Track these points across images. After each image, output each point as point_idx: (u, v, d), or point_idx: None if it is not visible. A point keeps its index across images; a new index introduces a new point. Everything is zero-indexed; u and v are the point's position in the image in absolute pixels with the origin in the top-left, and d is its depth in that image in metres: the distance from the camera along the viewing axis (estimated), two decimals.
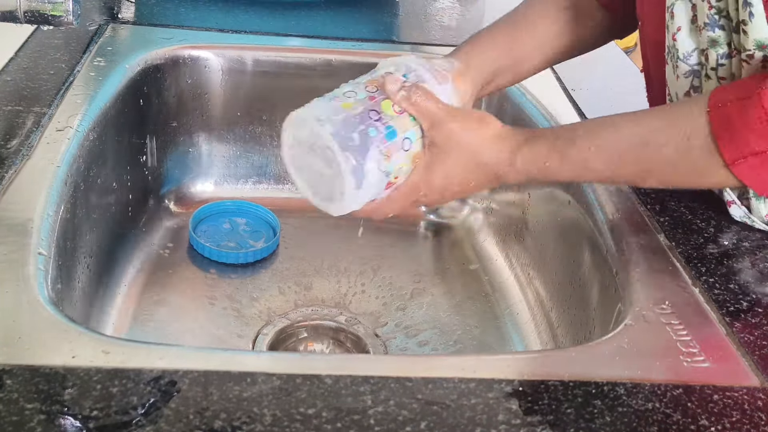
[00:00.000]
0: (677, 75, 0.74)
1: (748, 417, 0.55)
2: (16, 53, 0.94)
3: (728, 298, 0.68)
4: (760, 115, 0.58)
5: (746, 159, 0.59)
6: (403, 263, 1.03)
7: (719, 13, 0.68)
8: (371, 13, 1.23)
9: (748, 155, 0.59)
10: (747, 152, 0.59)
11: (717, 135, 0.60)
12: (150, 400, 0.51)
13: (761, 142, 0.58)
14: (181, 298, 0.94)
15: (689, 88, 0.74)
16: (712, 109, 0.61)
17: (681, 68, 0.73)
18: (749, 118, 0.59)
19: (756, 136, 0.58)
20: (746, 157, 0.59)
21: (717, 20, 0.68)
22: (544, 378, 0.57)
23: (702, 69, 0.72)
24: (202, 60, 1.04)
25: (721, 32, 0.68)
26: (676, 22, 0.71)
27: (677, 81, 0.74)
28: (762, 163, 0.59)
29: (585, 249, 0.82)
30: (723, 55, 0.69)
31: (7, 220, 0.66)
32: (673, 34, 0.72)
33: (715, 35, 0.68)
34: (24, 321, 0.57)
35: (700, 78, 0.72)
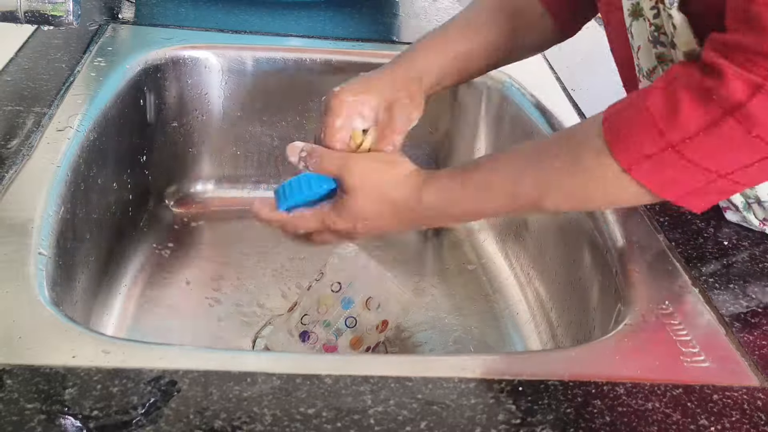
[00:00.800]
0: None
1: (748, 417, 0.55)
2: (16, 53, 0.94)
3: (728, 298, 0.68)
4: (646, 117, 0.58)
5: (641, 163, 0.59)
6: (403, 263, 1.03)
7: (657, 30, 0.67)
8: (371, 13, 1.23)
9: (641, 159, 0.58)
10: (640, 156, 0.58)
11: (611, 142, 0.60)
12: (150, 400, 0.51)
13: (651, 144, 0.58)
14: (181, 298, 0.94)
15: None
16: (605, 119, 0.61)
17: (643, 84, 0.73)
18: (637, 122, 0.59)
19: (646, 139, 0.58)
20: (640, 161, 0.59)
21: (657, 37, 0.68)
22: (544, 378, 0.57)
23: None
24: (202, 60, 1.04)
25: (663, 48, 0.68)
26: (636, 41, 0.71)
27: None
28: (655, 164, 0.58)
29: (585, 249, 0.82)
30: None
31: (7, 220, 0.66)
32: (636, 52, 0.72)
33: (660, 51, 0.68)
34: (24, 321, 0.57)
35: None
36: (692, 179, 0.59)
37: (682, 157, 0.57)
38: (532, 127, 0.98)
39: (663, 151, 0.58)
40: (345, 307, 0.82)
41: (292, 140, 1.14)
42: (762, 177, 0.60)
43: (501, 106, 1.06)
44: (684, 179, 0.59)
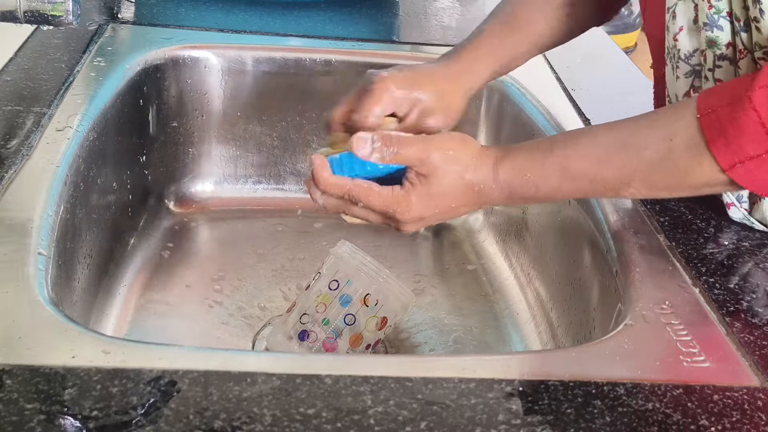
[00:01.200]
0: (677, 75, 0.74)
1: (748, 417, 0.55)
2: (16, 53, 0.94)
3: (728, 298, 0.68)
4: (753, 117, 0.58)
5: (743, 164, 0.59)
6: (403, 263, 1.03)
7: (718, 13, 0.68)
8: (371, 13, 1.23)
9: (744, 160, 0.59)
10: (743, 157, 0.59)
11: (710, 141, 0.60)
12: (150, 400, 0.51)
13: (757, 145, 0.58)
14: (181, 298, 0.94)
15: (689, 88, 0.74)
16: (702, 115, 0.61)
17: (682, 68, 0.73)
18: (742, 122, 0.59)
19: (750, 140, 0.58)
20: (743, 161, 0.59)
21: (716, 20, 0.68)
22: (544, 378, 0.57)
23: (702, 70, 0.72)
24: (202, 60, 1.04)
25: (719, 32, 0.68)
26: (677, 23, 0.71)
27: (676, 82, 0.74)
28: (759, 166, 0.59)
29: (585, 249, 0.82)
30: (720, 57, 0.69)
31: (7, 220, 0.66)
32: (675, 34, 0.72)
33: (713, 35, 0.68)
34: (24, 321, 0.57)
35: (701, 79, 0.73)
36: None
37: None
38: (533, 127, 0.98)
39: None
40: (343, 304, 0.82)
41: (291, 140, 1.15)
42: None
43: (501, 106, 1.06)
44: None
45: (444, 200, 0.67)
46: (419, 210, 0.67)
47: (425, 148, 0.66)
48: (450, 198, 0.67)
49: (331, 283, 0.83)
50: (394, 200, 0.66)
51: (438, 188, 0.66)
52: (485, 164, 0.67)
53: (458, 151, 0.67)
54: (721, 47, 0.69)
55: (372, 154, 0.66)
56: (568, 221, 0.87)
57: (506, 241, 1.05)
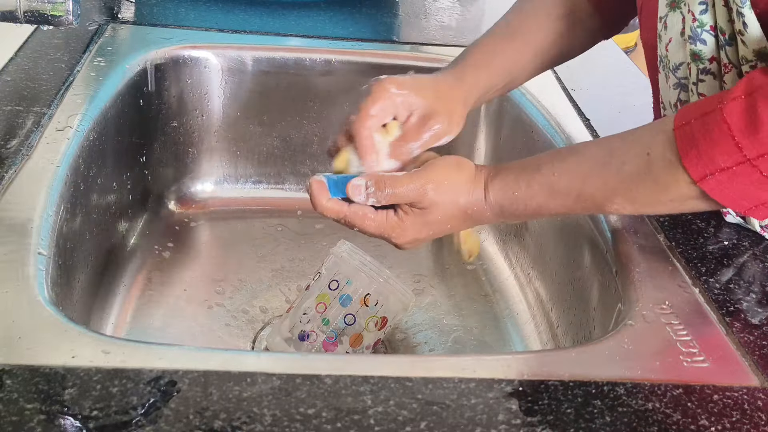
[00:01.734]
0: (669, 85, 0.74)
1: (748, 417, 0.55)
2: (16, 53, 0.94)
3: (728, 298, 0.68)
4: (723, 129, 0.58)
5: (714, 176, 0.59)
6: (403, 263, 1.03)
7: (702, 27, 0.67)
8: (371, 13, 1.23)
9: (715, 172, 0.58)
10: (714, 169, 0.58)
11: (683, 152, 0.60)
12: (150, 400, 0.51)
13: (727, 157, 0.58)
14: (181, 298, 0.94)
15: (676, 100, 0.74)
16: (677, 127, 0.61)
17: (671, 79, 0.73)
18: (713, 133, 0.58)
19: (721, 152, 0.58)
20: (714, 173, 0.59)
21: (699, 34, 0.67)
22: (544, 378, 0.57)
23: (687, 83, 0.72)
24: (202, 60, 1.04)
25: (703, 46, 0.68)
26: (668, 33, 0.71)
27: (669, 90, 0.74)
28: (729, 178, 0.58)
29: (585, 249, 0.82)
30: (703, 71, 0.69)
31: (7, 220, 0.66)
32: (666, 44, 0.71)
33: (697, 49, 0.68)
34: (24, 321, 0.57)
35: (687, 92, 0.72)
36: (765, 194, 0.59)
37: (757, 172, 0.57)
38: (532, 127, 0.98)
39: (739, 165, 0.57)
40: (343, 304, 0.82)
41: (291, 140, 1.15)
42: None
43: (501, 106, 1.06)
44: (756, 194, 0.59)
45: (439, 224, 0.69)
46: (413, 234, 0.69)
47: (421, 186, 0.67)
48: (444, 222, 0.69)
49: (331, 283, 0.83)
50: (389, 226, 0.68)
51: (433, 217, 0.68)
52: (478, 187, 0.68)
53: (453, 179, 0.68)
54: (704, 61, 0.68)
55: (368, 200, 0.68)
56: (568, 221, 0.87)
57: (506, 241, 1.05)
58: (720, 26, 0.66)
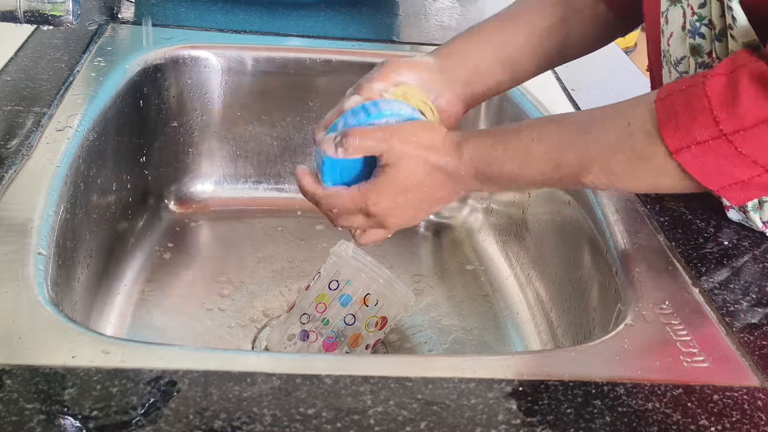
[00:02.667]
0: (671, 79, 0.73)
1: (748, 417, 0.55)
2: (16, 53, 0.94)
3: (728, 298, 0.68)
4: (703, 103, 0.57)
5: (689, 148, 0.58)
6: (403, 263, 1.03)
7: (701, 20, 0.67)
8: (371, 13, 1.23)
9: (691, 144, 0.58)
10: (690, 141, 0.58)
11: (662, 124, 0.59)
12: (150, 400, 0.51)
13: (703, 131, 0.57)
14: (181, 298, 0.94)
15: None
16: (658, 99, 0.60)
17: (673, 74, 0.73)
18: (693, 106, 0.58)
19: (698, 125, 0.57)
20: (689, 146, 0.58)
21: (698, 27, 0.67)
22: (544, 378, 0.57)
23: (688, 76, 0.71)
24: (202, 60, 1.04)
25: (701, 40, 0.67)
26: (669, 28, 0.71)
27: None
28: (704, 152, 0.58)
29: (585, 249, 0.82)
30: (701, 65, 0.69)
31: (7, 220, 0.66)
32: (668, 39, 0.71)
33: (695, 43, 0.68)
34: (24, 321, 0.57)
35: None
36: (739, 171, 0.58)
37: (732, 148, 0.56)
38: None
39: (714, 139, 0.57)
40: (343, 304, 0.82)
41: (291, 140, 1.15)
42: None
43: (501, 105, 1.06)
44: (730, 170, 0.58)
45: (413, 186, 0.67)
46: (389, 198, 0.67)
47: (385, 137, 0.66)
48: (418, 183, 0.67)
49: (331, 283, 0.83)
50: (362, 196, 0.67)
51: (404, 174, 0.66)
52: (448, 146, 0.67)
53: (421, 136, 0.67)
54: (703, 55, 0.68)
55: (338, 151, 0.67)
56: (568, 221, 0.87)
57: (506, 241, 1.05)
58: (713, 21, 0.66)
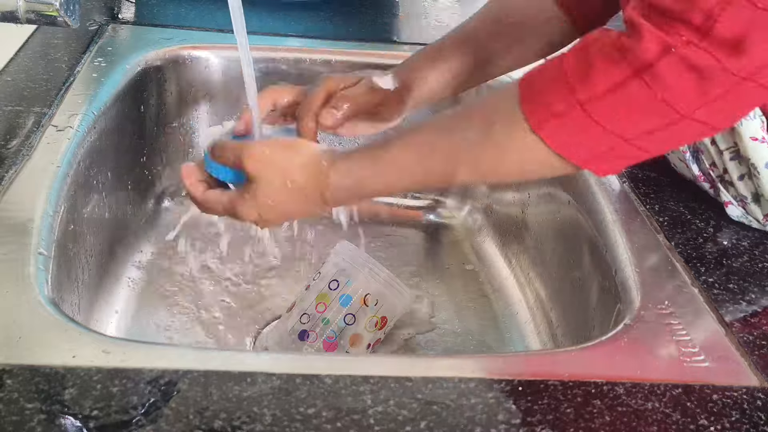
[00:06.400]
0: None
1: (748, 417, 0.55)
2: (16, 53, 0.94)
3: (728, 298, 0.68)
4: (559, 76, 0.57)
5: (548, 121, 0.57)
6: (403, 263, 1.03)
7: None
8: (371, 13, 1.23)
9: (550, 117, 0.57)
10: (548, 114, 0.57)
11: (523, 101, 0.58)
12: (150, 400, 0.51)
13: (560, 102, 0.56)
14: (182, 298, 0.94)
15: None
16: (521, 81, 0.60)
17: None
18: (551, 81, 0.57)
19: (555, 97, 0.57)
20: (548, 119, 0.57)
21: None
22: (544, 378, 0.57)
23: None
24: (202, 60, 1.04)
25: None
26: None
27: None
28: (563, 124, 0.57)
29: (585, 249, 0.82)
30: None
31: (7, 220, 0.66)
32: None
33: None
34: (24, 321, 0.57)
35: None
36: (596, 142, 0.57)
37: (588, 117, 0.55)
38: None
39: (571, 109, 0.56)
40: (343, 304, 0.82)
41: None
42: (669, 144, 0.59)
43: None
44: (588, 142, 0.57)
45: (278, 202, 0.67)
46: (257, 212, 0.67)
47: (242, 154, 0.66)
48: (282, 200, 0.67)
49: (331, 283, 0.83)
50: (230, 204, 0.68)
51: (263, 192, 0.66)
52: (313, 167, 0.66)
53: (282, 157, 0.67)
54: None
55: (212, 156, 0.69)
56: (568, 221, 0.87)
57: (506, 241, 1.05)
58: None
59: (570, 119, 0.56)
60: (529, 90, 0.59)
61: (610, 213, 0.79)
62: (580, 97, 0.55)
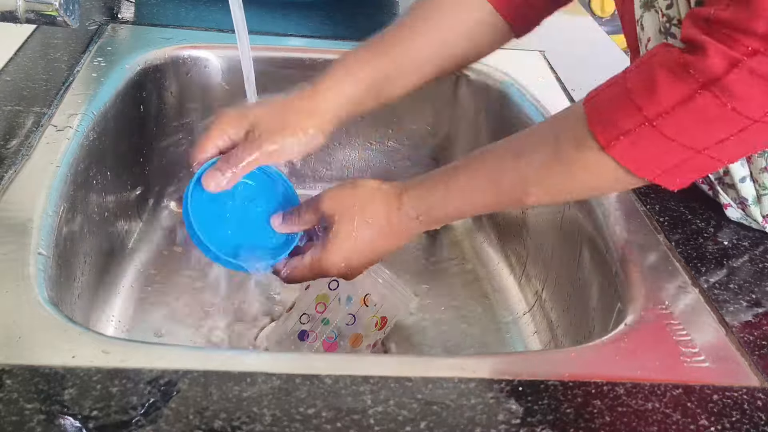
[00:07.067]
0: None
1: (748, 417, 0.55)
2: (16, 53, 0.94)
3: (728, 298, 0.68)
4: (624, 94, 0.58)
5: (618, 140, 0.58)
6: (403, 263, 1.03)
7: (670, 21, 0.67)
8: (371, 13, 1.23)
9: (619, 135, 0.58)
10: (617, 132, 0.58)
11: (590, 121, 0.60)
12: (150, 400, 0.51)
13: (628, 120, 0.58)
14: (181, 298, 0.94)
15: None
16: (586, 101, 0.61)
17: None
18: (617, 100, 0.59)
19: (623, 115, 0.58)
20: (618, 137, 0.58)
21: (669, 28, 0.67)
22: (544, 378, 0.57)
23: None
24: (202, 60, 1.04)
25: (674, 40, 0.67)
26: (646, 33, 0.71)
27: None
28: (633, 141, 0.58)
29: (585, 249, 0.82)
30: None
31: (7, 220, 0.66)
32: (645, 45, 0.71)
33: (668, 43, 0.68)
34: (24, 321, 0.57)
35: None
36: (669, 156, 0.58)
37: (658, 133, 0.57)
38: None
39: (640, 126, 0.57)
40: (343, 304, 0.82)
41: None
42: (742, 151, 0.59)
43: (501, 106, 1.06)
44: (660, 156, 0.58)
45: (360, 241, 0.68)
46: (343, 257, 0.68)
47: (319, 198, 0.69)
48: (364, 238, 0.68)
49: (331, 283, 0.83)
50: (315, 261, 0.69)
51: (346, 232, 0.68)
52: (387, 197, 0.68)
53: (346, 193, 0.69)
54: None
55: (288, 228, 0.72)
56: (568, 221, 0.87)
57: (506, 241, 1.05)
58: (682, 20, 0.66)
59: (640, 136, 0.57)
60: (595, 109, 0.60)
61: (610, 213, 0.79)
62: (648, 114, 0.57)
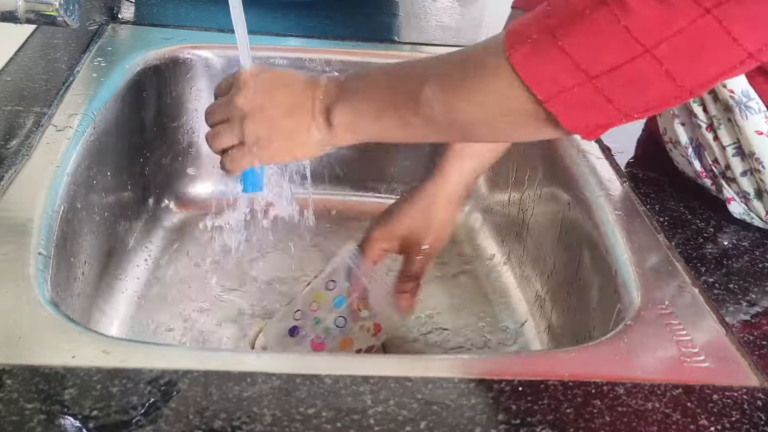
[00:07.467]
0: None
1: (748, 417, 0.55)
2: (16, 53, 0.94)
3: (728, 298, 0.68)
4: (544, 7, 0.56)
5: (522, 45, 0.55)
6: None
7: None
8: (371, 13, 1.23)
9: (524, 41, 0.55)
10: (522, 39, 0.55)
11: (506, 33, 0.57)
12: (150, 400, 0.51)
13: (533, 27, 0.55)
14: (181, 298, 0.94)
15: None
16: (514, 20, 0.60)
17: None
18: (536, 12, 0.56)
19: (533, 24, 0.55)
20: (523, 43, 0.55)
21: None
22: (544, 378, 0.57)
23: None
24: (202, 60, 1.04)
25: None
26: None
27: None
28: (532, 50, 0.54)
29: (585, 249, 0.82)
30: None
31: (7, 220, 0.66)
32: None
33: None
34: (24, 321, 0.57)
35: None
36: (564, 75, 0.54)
37: (556, 44, 0.53)
38: None
39: (541, 33, 0.54)
40: (336, 306, 0.82)
41: None
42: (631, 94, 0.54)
43: None
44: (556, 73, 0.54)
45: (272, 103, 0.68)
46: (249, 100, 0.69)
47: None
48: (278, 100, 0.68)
49: (328, 284, 0.83)
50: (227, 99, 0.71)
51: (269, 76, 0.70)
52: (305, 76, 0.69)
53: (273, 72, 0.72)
54: None
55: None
56: (568, 221, 0.87)
57: (506, 241, 1.05)
58: None
59: (539, 45, 0.54)
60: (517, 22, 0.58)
61: (610, 213, 0.79)
62: (550, 23, 0.54)
